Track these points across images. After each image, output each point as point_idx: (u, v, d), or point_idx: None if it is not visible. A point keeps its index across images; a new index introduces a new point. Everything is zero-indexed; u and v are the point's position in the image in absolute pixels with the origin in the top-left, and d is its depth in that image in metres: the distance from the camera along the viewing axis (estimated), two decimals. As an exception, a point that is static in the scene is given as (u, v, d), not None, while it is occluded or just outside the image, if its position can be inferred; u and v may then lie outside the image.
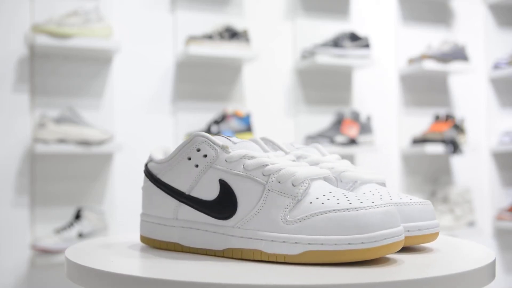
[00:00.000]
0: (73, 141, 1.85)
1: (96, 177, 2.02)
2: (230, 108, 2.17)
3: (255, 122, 2.21)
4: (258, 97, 2.27)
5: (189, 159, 0.59)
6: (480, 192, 2.63)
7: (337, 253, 0.51)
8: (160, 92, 2.14)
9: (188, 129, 2.13)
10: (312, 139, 2.18)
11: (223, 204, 0.57)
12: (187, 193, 0.59)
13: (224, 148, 0.58)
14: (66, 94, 2.00)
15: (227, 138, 0.59)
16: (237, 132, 2.07)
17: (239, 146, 0.59)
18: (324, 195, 0.54)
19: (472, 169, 2.63)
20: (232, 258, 0.56)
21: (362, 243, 0.50)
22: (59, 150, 1.84)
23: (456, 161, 2.59)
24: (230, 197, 0.56)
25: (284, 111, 2.32)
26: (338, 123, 2.24)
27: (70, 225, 1.86)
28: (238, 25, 2.19)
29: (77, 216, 1.87)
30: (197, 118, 2.15)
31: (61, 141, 1.85)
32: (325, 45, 2.22)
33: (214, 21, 2.16)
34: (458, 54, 2.42)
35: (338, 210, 0.52)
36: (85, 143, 1.86)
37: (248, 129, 2.10)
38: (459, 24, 2.66)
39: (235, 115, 2.09)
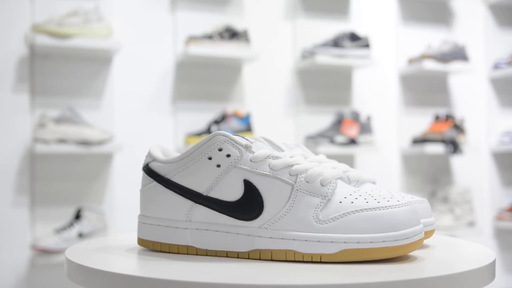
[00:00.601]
0: (73, 141, 1.85)
1: (96, 177, 2.02)
2: (230, 108, 2.17)
3: (255, 122, 2.21)
4: (258, 97, 2.27)
5: (210, 158, 0.57)
6: (480, 192, 2.63)
7: (372, 251, 0.52)
8: (160, 92, 2.14)
9: (188, 129, 2.13)
10: (312, 139, 2.18)
11: (248, 205, 0.56)
12: (204, 194, 0.57)
13: (247, 148, 0.57)
14: (66, 94, 2.00)
15: (245, 138, 0.58)
16: (237, 132, 2.07)
17: (257, 146, 0.58)
18: (350, 195, 0.55)
19: (472, 169, 2.63)
20: (259, 259, 0.55)
21: (395, 240, 0.52)
22: (59, 150, 1.84)
23: (456, 161, 2.59)
24: (256, 198, 0.56)
25: (284, 111, 2.32)
26: (338, 123, 2.24)
27: (70, 225, 1.86)
28: (238, 25, 2.19)
29: (77, 216, 1.87)
30: (197, 118, 2.15)
31: (61, 141, 1.85)
32: (325, 45, 2.22)
33: (214, 21, 2.16)
34: (458, 54, 2.42)
35: (370, 209, 0.54)
36: (85, 143, 1.86)
37: (248, 129, 2.10)
38: (459, 24, 2.66)
39: (235, 115, 2.09)
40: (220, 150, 0.57)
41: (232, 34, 2.08)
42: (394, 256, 0.53)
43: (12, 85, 1.94)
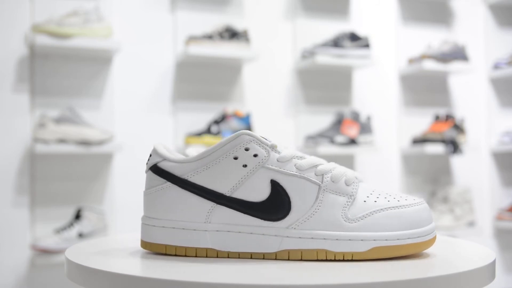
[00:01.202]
0: (73, 141, 1.85)
1: (96, 177, 2.02)
2: (230, 108, 2.17)
3: (255, 122, 2.21)
4: (258, 97, 2.27)
5: (236, 158, 0.56)
6: (480, 192, 2.63)
7: (399, 248, 0.55)
8: (160, 92, 2.14)
9: (188, 129, 2.13)
10: (312, 139, 2.18)
11: (275, 205, 0.55)
12: (228, 194, 0.56)
13: (273, 148, 0.56)
14: (66, 94, 2.00)
15: (264, 138, 0.58)
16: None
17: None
18: (371, 194, 0.57)
19: (472, 169, 2.63)
20: (287, 259, 0.55)
21: (418, 237, 0.55)
22: (59, 150, 1.84)
23: (456, 161, 2.60)
24: (283, 198, 0.55)
25: (284, 111, 2.32)
26: (338, 123, 2.24)
27: (70, 225, 1.86)
28: (238, 25, 2.19)
29: (77, 216, 1.87)
30: (197, 118, 2.15)
31: (61, 141, 1.85)
32: (325, 45, 2.22)
33: (214, 21, 2.16)
34: (458, 54, 2.42)
35: (393, 207, 0.56)
36: (85, 143, 1.86)
37: (248, 129, 2.10)
38: (459, 24, 2.66)
39: (235, 115, 2.09)
40: (246, 149, 0.56)
41: (232, 34, 2.08)
42: (416, 253, 0.56)
43: (12, 85, 1.94)
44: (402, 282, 0.46)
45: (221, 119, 2.08)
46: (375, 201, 0.56)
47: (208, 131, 2.05)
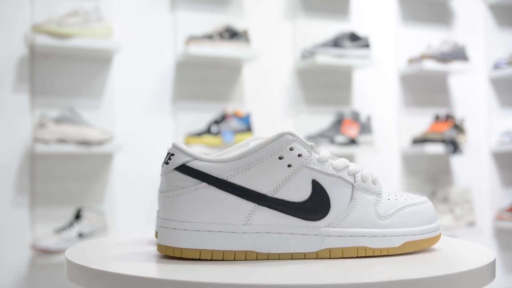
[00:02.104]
0: (73, 141, 1.85)
1: (96, 177, 2.02)
2: (230, 108, 2.17)
3: (255, 122, 2.21)
4: (258, 97, 2.27)
5: (281, 158, 0.55)
6: (480, 192, 2.63)
7: (423, 242, 0.59)
8: (160, 92, 2.14)
9: (188, 129, 2.13)
10: (312, 139, 2.18)
11: (316, 205, 0.56)
12: (270, 195, 0.55)
13: (312, 148, 0.57)
14: (66, 94, 2.00)
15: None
16: (237, 132, 2.07)
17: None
18: (389, 192, 0.61)
19: (472, 169, 2.63)
20: (329, 258, 0.56)
21: (433, 231, 0.60)
22: (59, 150, 1.84)
23: (456, 161, 2.59)
24: (324, 197, 0.56)
25: (284, 111, 2.32)
26: (338, 123, 2.24)
27: (70, 225, 1.86)
28: (238, 25, 2.19)
29: (77, 216, 1.87)
30: (197, 118, 2.15)
31: (61, 141, 1.85)
32: (325, 45, 2.22)
33: (214, 21, 2.16)
34: (458, 54, 2.42)
35: (413, 205, 0.60)
36: (85, 143, 1.86)
37: (248, 129, 2.10)
38: (459, 24, 2.66)
39: (235, 115, 2.09)
40: (291, 149, 0.55)
41: (232, 34, 2.08)
42: (431, 246, 0.61)
43: (12, 85, 1.94)
44: (402, 282, 0.46)
45: (221, 119, 2.08)
46: (396, 199, 0.60)
47: (208, 131, 2.05)
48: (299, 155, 0.56)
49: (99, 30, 1.91)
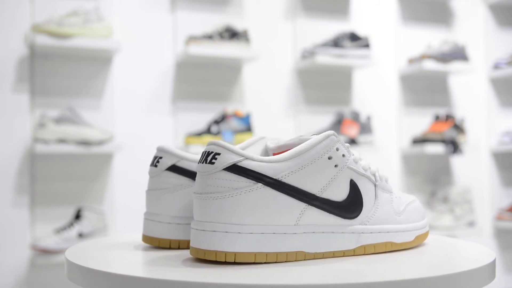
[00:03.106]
0: (73, 141, 1.85)
1: (96, 177, 2.02)
2: (230, 108, 2.17)
3: (255, 122, 2.21)
4: (258, 97, 2.27)
5: (330, 158, 0.56)
6: (480, 192, 2.63)
7: (423, 236, 0.64)
8: (160, 92, 2.14)
9: (188, 129, 2.13)
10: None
11: (354, 204, 0.58)
12: (318, 194, 0.55)
13: (348, 148, 0.58)
14: (66, 94, 2.00)
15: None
16: (237, 132, 2.07)
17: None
18: (391, 191, 0.64)
19: (472, 169, 2.63)
20: (363, 254, 0.58)
21: (426, 226, 0.65)
22: (59, 150, 1.84)
23: (456, 161, 2.59)
24: (358, 196, 0.58)
25: (284, 111, 2.32)
26: (338, 123, 2.24)
27: (70, 225, 1.86)
28: (238, 25, 2.19)
29: (77, 216, 1.87)
30: (197, 118, 2.15)
31: (61, 141, 1.85)
32: (325, 45, 2.22)
33: (214, 21, 2.16)
34: (458, 54, 2.42)
35: (412, 202, 0.65)
36: (85, 143, 1.86)
37: (248, 129, 2.10)
38: (459, 24, 2.66)
39: (235, 115, 2.09)
40: (337, 150, 0.56)
41: (232, 34, 2.08)
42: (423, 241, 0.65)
43: (12, 85, 1.94)
44: (402, 282, 0.46)
45: (221, 119, 2.08)
46: (400, 197, 0.64)
47: (208, 131, 2.05)
48: (343, 155, 0.57)
49: (99, 30, 1.91)
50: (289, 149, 0.58)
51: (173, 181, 0.62)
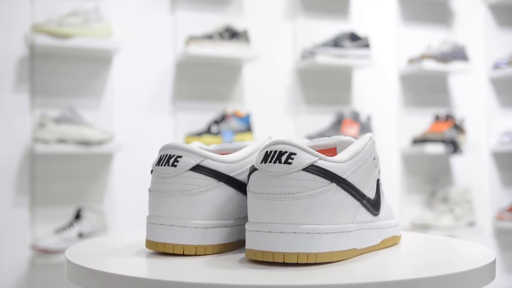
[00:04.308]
0: (73, 141, 1.85)
1: (96, 177, 2.02)
2: (230, 108, 2.17)
3: (255, 122, 2.21)
4: (258, 97, 2.27)
5: (374, 159, 0.58)
6: (480, 192, 2.63)
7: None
8: (160, 92, 2.14)
9: (188, 129, 2.13)
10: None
11: (379, 201, 0.60)
12: (366, 193, 0.57)
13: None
14: (66, 94, 2.00)
15: None
16: (237, 132, 2.07)
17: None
18: None
19: (472, 169, 2.63)
20: (383, 248, 0.62)
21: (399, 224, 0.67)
22: (59, 150, 1.84)
23: (456, 161, 2.60)
24: (379, 195, 0.60)
25: (284, 111, 2.32)
26: (338, 123, 2.24)
27: (70, 225, 1.86)
28: (238, 25, 2.19)
29: (77, 216, 1.87)
30: (197, 118, 2.15)
31: (61, 141, 1.85)
32: (325, 45, 2.22)
33: (214, 21, 2.16)
34: (458, 54, 2.42)
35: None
36: (85, 143, 1.86)
37: (248, 129, 2.10)
38: (459, 24, 2.66)
39: (235, 115, 2.09)
40: (374, 150, 0.59)
41: (232, 34, 2.08)
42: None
43: (12, 85, 1.94)
44: (402, 282, 0.46)
45: (221, 119, 2.08)
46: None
47: (208, 131, 2.05)
48: (376, 157, 0.59)
49: (99, 30, 1.91)
50: (325, 149, 0.60)
51: (199, 182, 0.57)
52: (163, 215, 0.57)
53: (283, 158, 0.51)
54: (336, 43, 2.22)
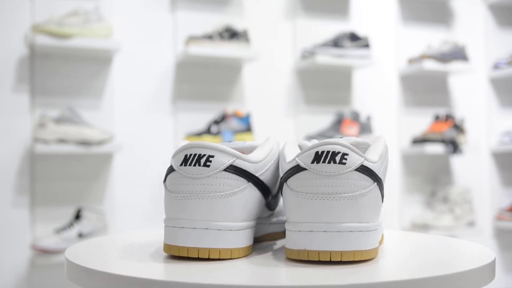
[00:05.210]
0: (73, 141, 1.85)
1: (96, 177, 2.02)
2: (230, 108, 2.17)
3: (255, 122, 2.21)
4: (258, 97, 2.27)
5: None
6: (480, 192, 2.63)
7: None
8: (160, 92, 2.14)
9: (188, 129, 2.13)
10: (312, 139, 2.18)
11: None
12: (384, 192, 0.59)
13: None
14: (66, 94, 2.00)
15: None
16: (237, 132, 2.07)
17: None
18: None
19: (472, 169, 2.63)
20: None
21: None
22: (59, 150, 1.84)
23: (456, 161, 2.59)
24: None
25: (284, 111, 2.32)
26: (338, 123, 2.24)
27: (70, 225, 1.86)
28: (238, 25, 2.19)
29: (77, 216, 1.87)
30: (197, 118, 2.15)
31: (61, 141, 1.85)
32: (325, 45, 2.22)
33: (214, 21, 2.16)
34: (458, 54, 2.42)
35: None
36: (85, 143, 1.86)
37: (248, 129, 2.10)
38: (459, 24, 2.66)
39: (235, 115, 2.09)
40: None
41: (232, 34, 2.08)
42: None
43: (12, 85, 1.94)
44: (403, 282, 0.46)
45: (221, 119, 2.08)
46: None
47: (208, 131, 2.05)
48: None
49: (99, 30, 1.91)
50: None
51: (232, 182, 0.55)
52: (194, 218, 0.54)
53: (337, 159, 0.52)
54: (336, 43, 2.22)
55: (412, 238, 0.71)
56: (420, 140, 2.37)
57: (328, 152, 0.52)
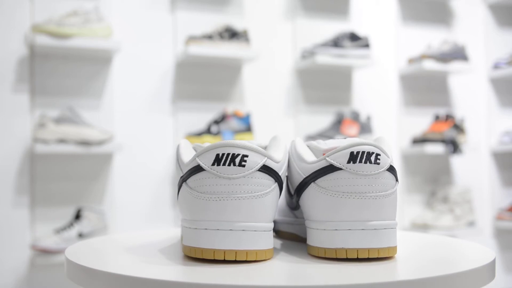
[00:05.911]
0: (73, 141, 1.85)
1: (96, 177, 2.02)
2: (230, 108, 2.17)
3: (255, 122, 2.21)
4: (258, 97, 2.27)
5: None
6: (480, 192, 2.63)
7: None
8: (160, 92, 2.14)
9: (188, 129, 2.13)
10: (312, 139, 2.18)
11: None
12: None
13: None
14: (66, 94, 2.00)
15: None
16: (237, 132, 2.07)
17: None
18: None
19: (472, 169, 2.63)
20: None
21: None
22: (59, 150, 1.84)
23: (456, 161, 2.60)
24: None
25: (284, 111, 2.32)
26: (338, 123, 2.24)
27: (70, 225, 1.86)
28: (238, 25, 2.19)
29: (77, 216, 1.87)
30: (197, 118, 2.15)
31: (61, 141, 1.85)
32: (325, 45, 2.22)
33: (214, 21, 2.16)
34: (458, 54, 2.42)
35: None
36: (85, 143, 1.86)
37: (248, 129, 2.10)
38: (459, 24, 2.66)
39: (235, 115, 2.09)
40: None
41: (232, 34, 2.08)
42: None
43: (12, 85, 1.94)
44: (402, 282, 0.46)
45: (221, 119, 2.08)
46: None
47: (208, 131, 2.05)
48: None
49: (99, 30, 1.91)
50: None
51: (265, 182, 0.53)
52: (230, 219, 0.52)
53: (372, 159, 0.54)
54: (336, 43, 2.22)
55: (412, 238, 0.71)
56: (420, 140, 2.37)
57: (363, 152, 0.54)
